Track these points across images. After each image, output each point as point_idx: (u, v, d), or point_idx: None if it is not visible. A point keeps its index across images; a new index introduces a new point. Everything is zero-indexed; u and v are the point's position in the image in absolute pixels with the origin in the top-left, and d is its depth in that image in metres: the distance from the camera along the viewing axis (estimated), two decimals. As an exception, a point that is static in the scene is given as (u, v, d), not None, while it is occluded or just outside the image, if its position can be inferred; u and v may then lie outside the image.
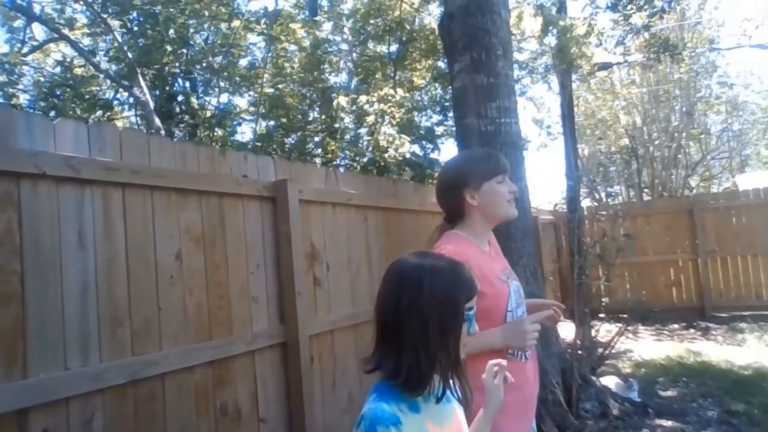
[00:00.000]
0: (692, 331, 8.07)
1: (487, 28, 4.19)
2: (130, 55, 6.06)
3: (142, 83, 6.10)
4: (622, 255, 5.09)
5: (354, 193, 3.98)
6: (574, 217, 7.94)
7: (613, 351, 5.64)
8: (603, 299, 6.23)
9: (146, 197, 2.39)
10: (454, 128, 4.88)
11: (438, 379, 1.15)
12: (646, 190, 15.54)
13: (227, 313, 2.75)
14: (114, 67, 6.95)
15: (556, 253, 10.07)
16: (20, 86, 7.79)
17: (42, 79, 7.58)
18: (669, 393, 5.01)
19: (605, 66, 9.48)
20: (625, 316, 5.86)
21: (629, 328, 7.23)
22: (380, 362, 1.15)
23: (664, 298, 9.28)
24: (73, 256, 2.06)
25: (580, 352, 4.40)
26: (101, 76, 6.63)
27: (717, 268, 9.17)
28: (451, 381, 1.16)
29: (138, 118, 7.82)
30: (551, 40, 8.10)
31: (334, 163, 7.10)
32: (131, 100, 8.33)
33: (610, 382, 4.74)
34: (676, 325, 8.46)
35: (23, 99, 6.86)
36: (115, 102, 8.54)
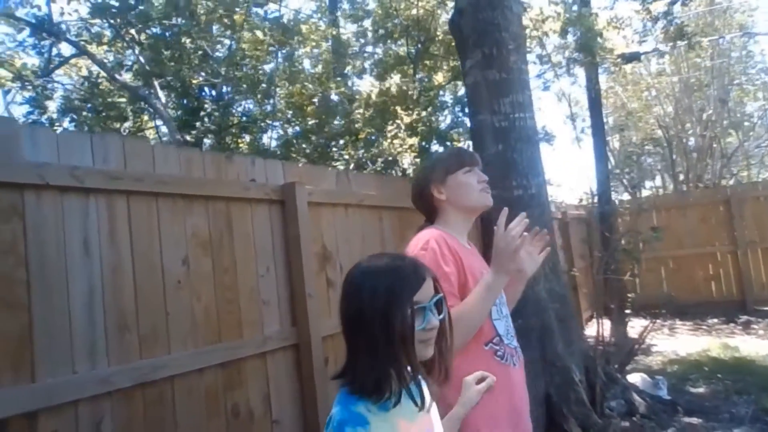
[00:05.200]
0: (732, 325, 7.80)
1: (498, 23, 4.15)
2: (148, 68, 6.21)
3: (160, 94, 6.25)
4: (651, 249, 4.94)
5: (367, 194, 3.98)
6: (602, 211, 7.79)
7: (643, 347, 5.50)
8: (630, 295, 6.06)
9: (151, 204, 2.44)
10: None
11: (395, 381, 1.11)
12: (683, 181, 15.09)
13: (237, 316, 2.78)
14: (136, 80, 7.14)
15: (587, 249, 9.88)
16: (52, 101, 8.11)
17: (69, 94, 7.82)
18: (701, 390, 4.85)
19: (632, 57, 9.25)
20: (658, 311, 5.70)
21: (664, 323, 7.04)
22: (343, 369, 1.15)
23: (703, 292, 9.01)
24: (79, 264, 2.12)
25: (603, 348, 4.30)
26: (117, 87, 6.82)
27: (758, 259, 8.84)
28: (408, 382, 1.13)
29: (164, 128, 8.01)
30: (573, 36, 7.94)
31: (352, 165, 7.11)
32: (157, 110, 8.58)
33: (637, 379, 4.62)
34: (715, 320, 8.19)
35: (49, 113, 7.10)
36: (144, 114, 8.79)
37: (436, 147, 8.44)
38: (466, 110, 8.59)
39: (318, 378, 3.07)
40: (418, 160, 6.64)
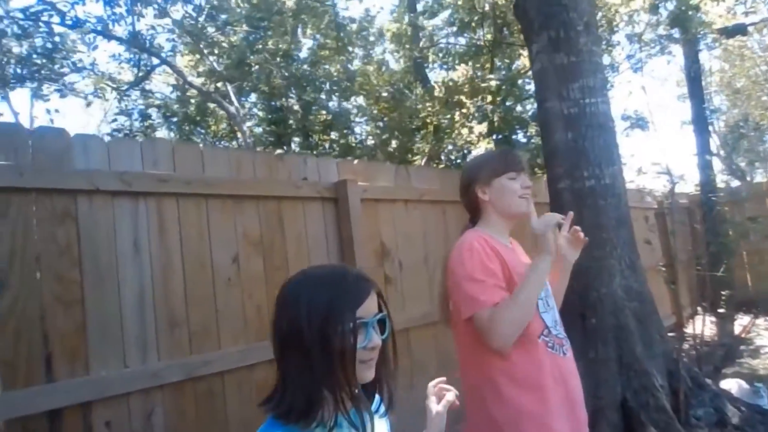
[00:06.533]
0: None
1: (565, 3, 3.90)
2: (224, 72, 6.51)
3: (233, 98, 6.51)
4: (746, 241, 4.47)
5: (429, 189, 3.91)
6: (704, 200, 7.14)
7: (752, 348, 4.99)
8: (725, 291, 5.52)
9: (201, 205, 2.53)
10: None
11: (331, 405, 1.00)
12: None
13: (288, 313, 2.82)
14: (208, 85, 7.50)
15: (690, 241, 9.12)
16: (151, 109, 8.74)
17: (164, 102, 8.35)
18: (813, 399, 4.30)
19: (736, 30, 8.40)
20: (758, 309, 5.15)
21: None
22: (271, 394, 1.02)
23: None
24: (130, 264, 2.24)
25: (697, 350, 3.94)
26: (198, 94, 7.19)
27: None
28: (345, 406, 0.99)
29: (248, 131, 8.36)
30: (665, 11, 7.34)
31: (425, 159, 7.04)
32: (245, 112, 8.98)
33: (732, 386, 4.19)
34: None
35: (149, 122, 7.62)
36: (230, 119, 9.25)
37: (518, 137, 8.18)
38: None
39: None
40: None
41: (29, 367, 1.93)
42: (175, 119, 8.23)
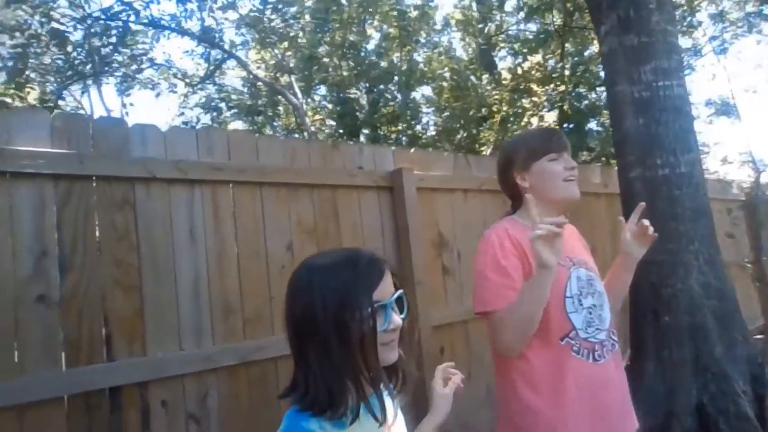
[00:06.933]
0: None
1: (635, -20, 3.65)
2: (291, 66, 6.61)
3: (296, 89, 6.60)
4: None
5: (489, 178, 3.78)
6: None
7: None
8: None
9: (255, 193, 2.56)
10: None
11: (353, 393, 0.97)
12: None
13: (343, 302, 2.81)
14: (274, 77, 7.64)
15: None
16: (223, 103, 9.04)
17: (238, 95, 8.61)
18: None
19: None
20: None
21: None
22: (291, 386, 1.01)
23: None
24: (185, 250, 2.30)
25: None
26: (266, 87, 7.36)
27: None
28: (367, 393, 0.98)
29: (317, 123, 8.48)
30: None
31: (491, 148, 6.86)
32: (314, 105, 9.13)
33: (828, 393, 3.80)
34: None
35: (223, 116, 7.88)
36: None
37: (591, 125, 7.84)
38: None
39: (429, 365, 3.00)
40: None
41: (91, 347, 2.02)
42: (245, 112, 8.47)
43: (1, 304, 1.86)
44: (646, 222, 1.63)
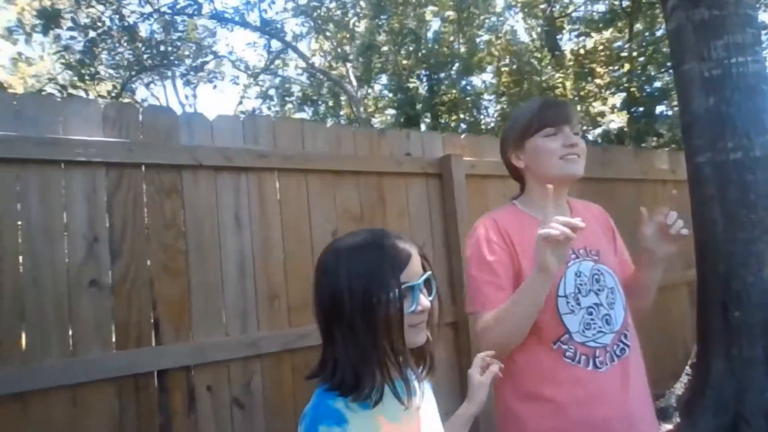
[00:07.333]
0: None
1: (706, -52, 3.38)
2: (350, 56, 6.61)
3: (352, 78, 6.59)
4: None
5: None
6: None
7: None
8: None
9: (300, 180, 2.56)
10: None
11: (379, 375, 0.95)
12: None
13: (389, 290, 2.78)
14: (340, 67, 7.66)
15: None
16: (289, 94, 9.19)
17: (301, 86, 8.73)
18: None
19: None
20: None
21: None
22: (320, 365, 1.01)
23: None
24: (231, 237, 2.33)
25: None
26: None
27: None
28: (392, 376, 0.96)
29: (390, 111, 8.49)
30: None
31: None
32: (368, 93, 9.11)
33: None
34: None
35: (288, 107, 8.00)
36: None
37: (662, 109, 7.44)
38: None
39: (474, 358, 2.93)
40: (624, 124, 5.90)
41: (139, 330, 2.08)
42: (303, 102, 8.57)
43: (57, 288, 1.94)
44: (674, 215, 1.38)
